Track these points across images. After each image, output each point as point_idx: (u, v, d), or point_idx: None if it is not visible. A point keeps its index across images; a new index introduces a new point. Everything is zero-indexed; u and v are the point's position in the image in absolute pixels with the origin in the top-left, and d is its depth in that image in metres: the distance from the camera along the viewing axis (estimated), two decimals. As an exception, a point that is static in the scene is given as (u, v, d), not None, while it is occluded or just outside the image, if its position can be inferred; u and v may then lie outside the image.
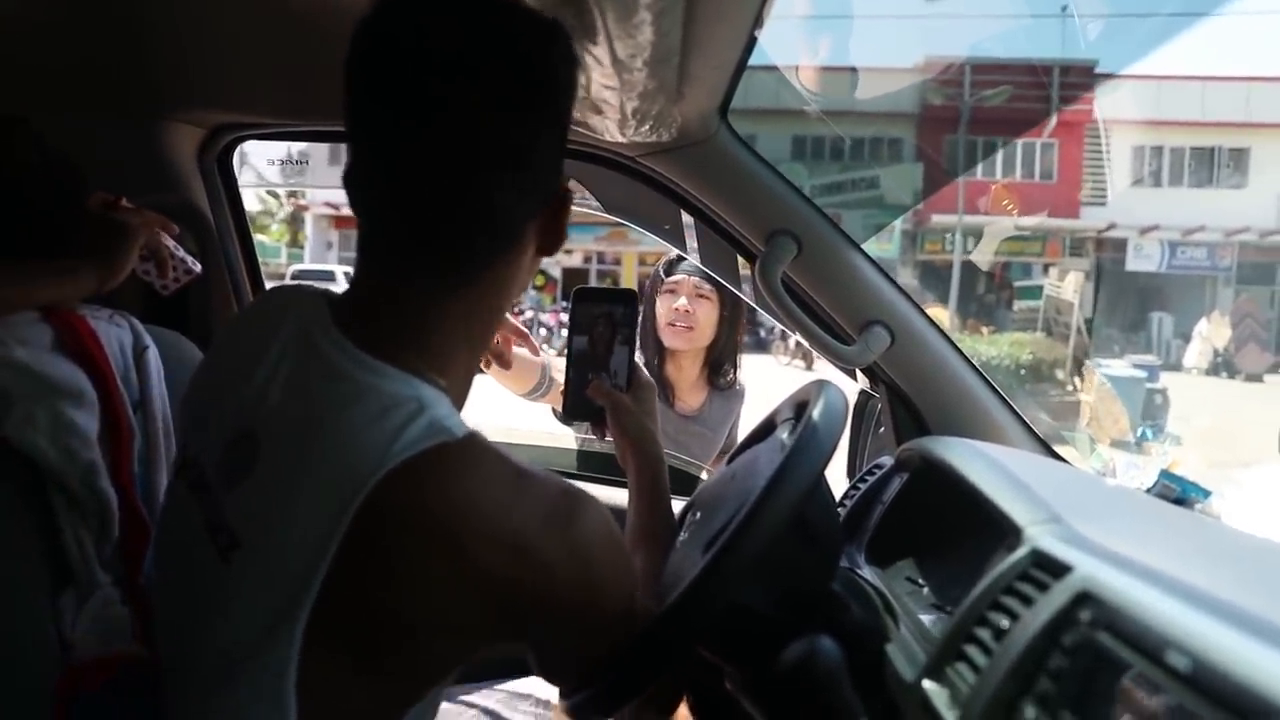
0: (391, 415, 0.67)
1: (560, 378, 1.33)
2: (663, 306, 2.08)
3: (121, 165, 1.38)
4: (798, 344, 16.96)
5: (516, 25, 0.71)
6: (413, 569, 0.66)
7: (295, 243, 25.97)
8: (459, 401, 0.79)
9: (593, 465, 1.99)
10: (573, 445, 2.07)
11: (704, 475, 2.01)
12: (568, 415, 1.10)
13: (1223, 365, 19.08)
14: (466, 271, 0.75)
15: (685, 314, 2.04)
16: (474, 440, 0.70)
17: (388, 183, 0.71)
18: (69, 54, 1.21)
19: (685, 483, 1.94)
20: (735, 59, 1.07)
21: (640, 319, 2.02)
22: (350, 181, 0.74)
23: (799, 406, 1.00)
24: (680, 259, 2.04)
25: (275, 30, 1.12)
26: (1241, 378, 18.62)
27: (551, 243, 0.81)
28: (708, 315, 2.06)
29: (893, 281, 1.33)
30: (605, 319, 1.07)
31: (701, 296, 2.06)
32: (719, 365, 2.16)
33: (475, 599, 0.67)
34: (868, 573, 1.03)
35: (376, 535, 0.65)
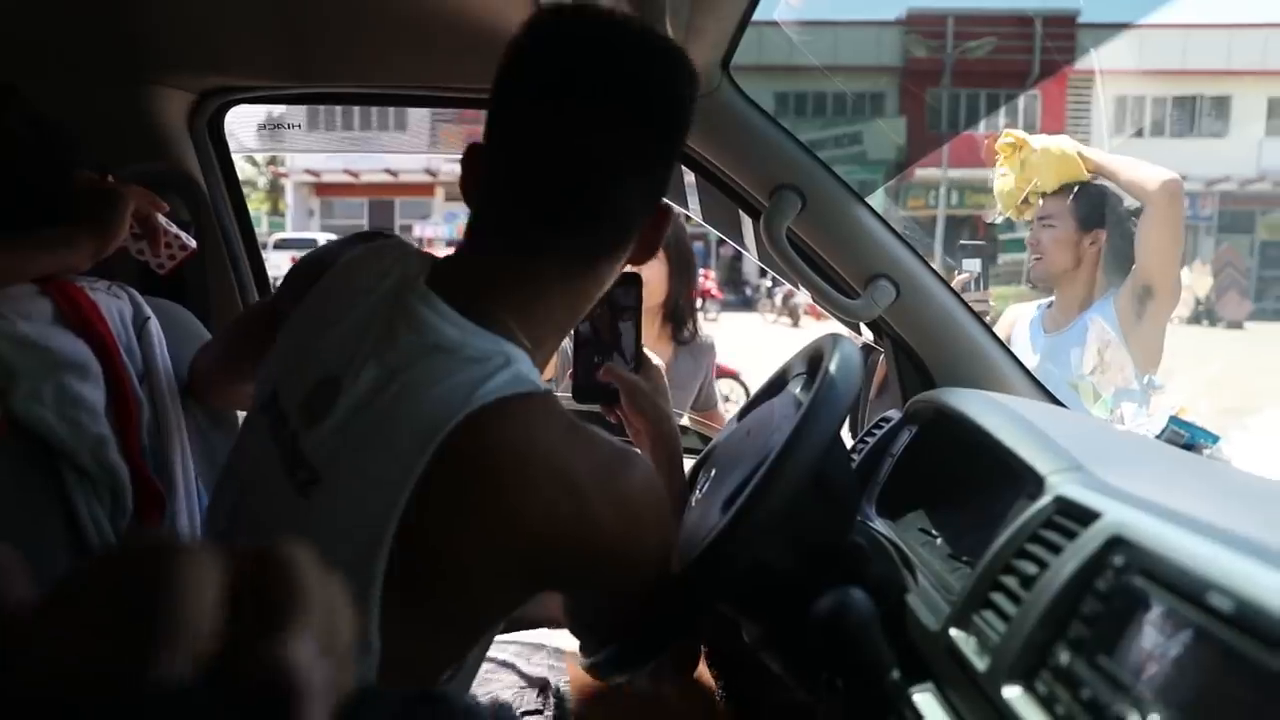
0: (478, 365, 0.72)
1: None
2: None
3: (111, 132, 1.35)
4: (784, 301, 16.97)
5: (652, 54, 0.78)
6: (478, 507, 0.68)
7: (276, 211, 25.65)
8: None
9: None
10: None
11: (686, 421, 2.02)
12: (578, 397, 1.11)
13: (1204, 314, 19.26)
14: (583, 261, 0.81)
15: None
16: (550, 396, 0.75)
17: (523, 174, 0.77)
18: (55, 18, 1.18)
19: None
20: (740, 10, 1.05)
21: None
22: (479, 163, 0.81)
23: (812, 361, 1.00)
24: None
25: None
26: (1223, 325, 18.81)
27: (646, 250, 0.86)
28: (656, 273, 2.04)
29: (898, 235, 1.32)
30: (608, 301, 1.07)
31: None
32: (679, 321, 2.15)
33: (530, 543, 0.70)
34: (880, 525, 1.04)
35: (450, 476, 0.68)
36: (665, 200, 0.86)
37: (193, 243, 1.19)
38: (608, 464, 0.74)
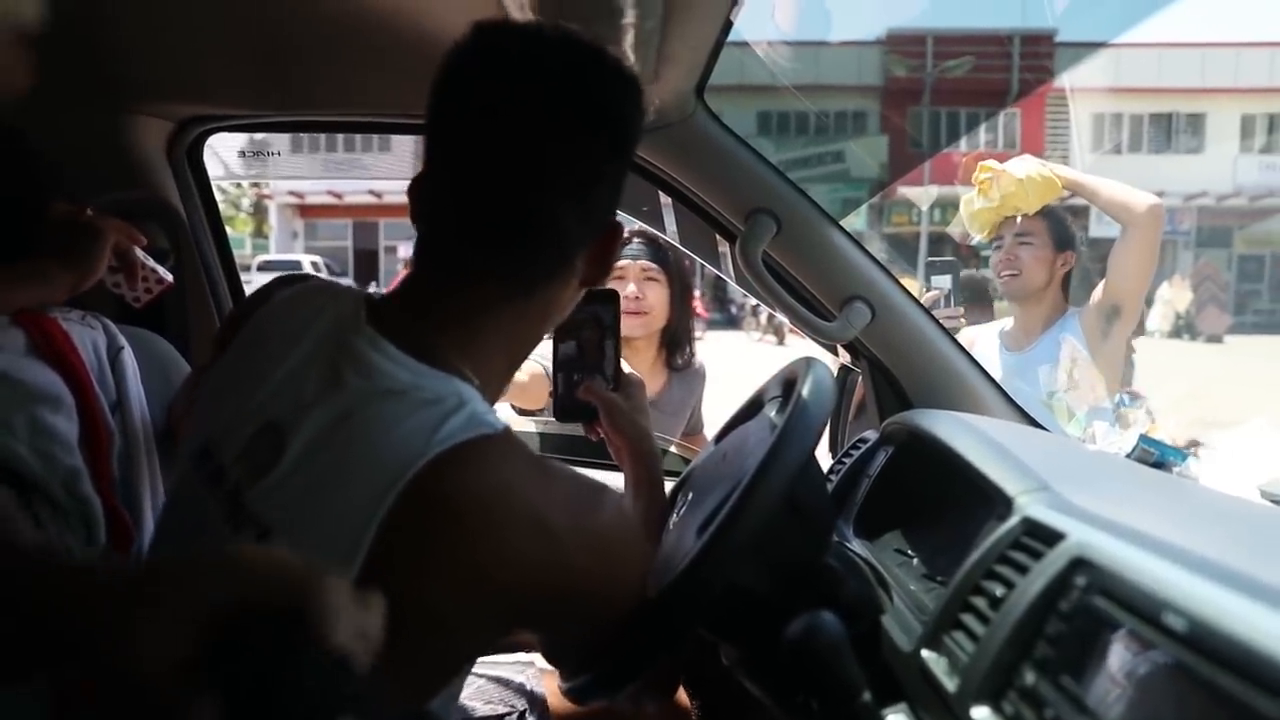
0: (433, 408, 0.69)
1: None
2: None
3: (89, 160, 1.35)
4: (769, 320, 17.02)
5: (594, 71, 0.76)
6: (445, 555, 0.66)
7: (260, 233, 25.57)
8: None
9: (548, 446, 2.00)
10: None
11: (673, 449, 2.01)
12: (560, 417, 1.11)
13: (1184, 328, 19.45)
14: (523, 285, 0.79)
15: (636, 299, 1.99)
16: (509, 434, 0.72)
17: (460, 196, 0.76)
18: (33, 46, 1.18)
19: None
20: (713, 38, 1.07)
21: None
22: (421, 191, 0.79)
23: (787, 384, 1.01)
24: (625, 242, 2.02)
25: (244, 19, 1.10)
26: (1203, 339, 19.00)
27: (597, 273, 0.84)
28: (658, 297, 2.02)
29: (872, 257, 1.34)
30: (590, 321, 1.07)
31: (650, 279, 2.01)
32: (676, 345, 2.12)
33: (501, 586, 0.68)
34: (857, 546, 1.04)
35: (413, 522, 0.66)
36: (619, 219, 0.85)
37: (169, 277, 1.18)
38: (575, 502, 0.73)
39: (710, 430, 2.40)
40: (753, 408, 1.09)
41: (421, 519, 0.66)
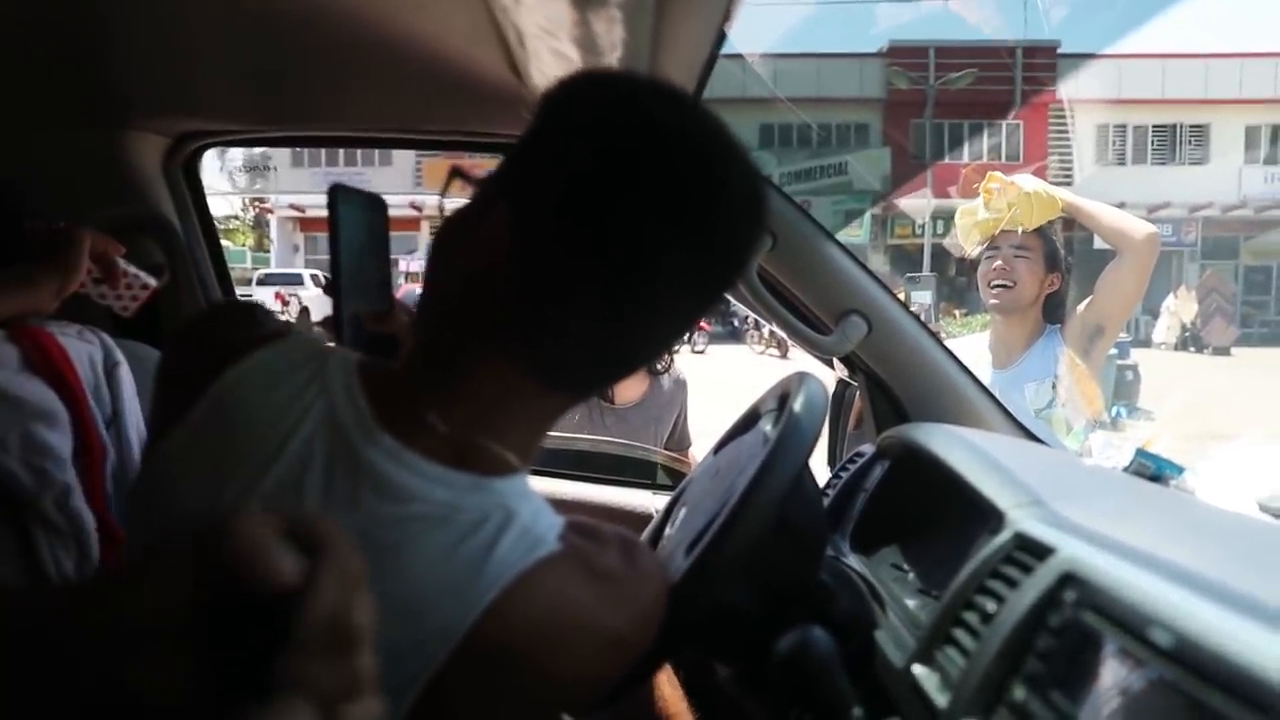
0: (480, 532, 0.63)
1: None
2: None
3: (86, 176, 1.36)
4: (772, 333, 17.00)
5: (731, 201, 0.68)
6: (506, 685, 0.63)
7: (260, 247, 25.65)
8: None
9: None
10: None
11: (656, 459, 2.02)
12: (361, 351, 0.85)
13: (1190, 340, 19.43)
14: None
15: None
16: (566, 542, 0.66)
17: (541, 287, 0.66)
18: (27, 60, 1.19)
19: (644, 470, 1.95)
20: (705, 55, 1.07)
21: None
22: (466, 242, 0.68)
23: (781, 398, 1.01)
24: None
25: (240, 36, 1.11)
26: (1209, 351, 18.96)
27: None
28: None
29: (867, 270, 1.34)
30: (368, 228, 0.88)
31: None
32: None
33: (564, 694, 0.66)
34: (853, 561, 1.04)
35: (469, 672, 0.61)
36: None
37: (153, 281, 1.19)
38: (630, 593, 0.67)
39: (704, 444, 2.40)
40: (748, 422, 1.09)
41: (481, 658, 0.61)
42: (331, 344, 0.73)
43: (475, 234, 0.68)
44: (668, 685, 1.02)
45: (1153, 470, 1.05)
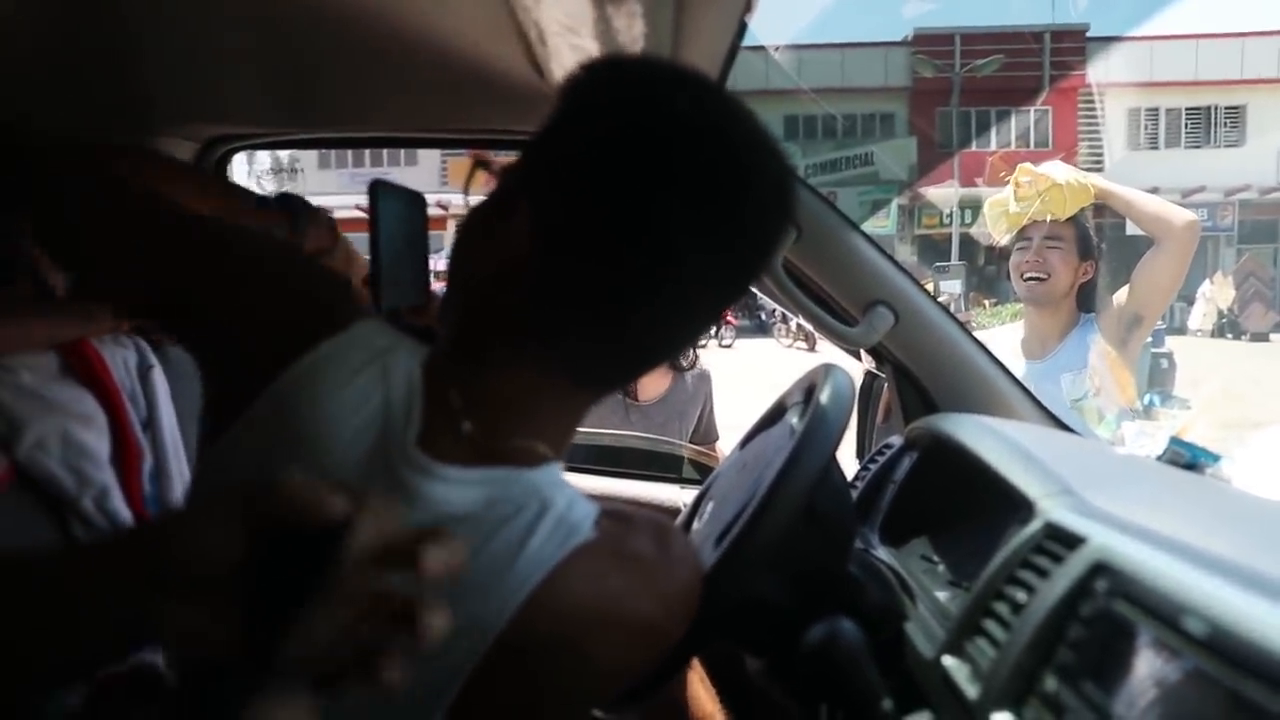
0: (509, 528, 0.63)
1: None
2: None
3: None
4: (799, 326, 16.93)
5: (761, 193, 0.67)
6: (547, 673, 0.63)
7: (292, 248, 25.88)
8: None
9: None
10: None
11: (683, 453, 2.02)
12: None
13: (1228, 326, 19.07)
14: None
15: None
16: (601, 529, 0.66)
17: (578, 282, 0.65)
18: (59, 69, 1.21)
19: (671, 465, 1.95)
20: (726, 47, 1.07)
21: None
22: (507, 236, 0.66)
23: (808, 391, 1.01)
24: None
25: (267, 39, 1.12)
26: (1247, 338, 18.61)
27: None
28: None
29: (893, 261, 1.33)
30: (408, 224, 0.90)
31: None
32: None
33: (603, 683, 0.66)
34: (882, 553, 1.03)
35: (510, 663, 0.61)
36: None
37: None
38: (663, 578, 0.68)
39: (732, 438, 2.40)
40: (775, 415, 1.09)
41: (521, 658, 0.62)
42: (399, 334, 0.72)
43: (496, 231, 0.67)
44: (700, 684, 1.02)
45: (1187, 459, 1.04)
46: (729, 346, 16.61)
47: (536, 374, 0.67)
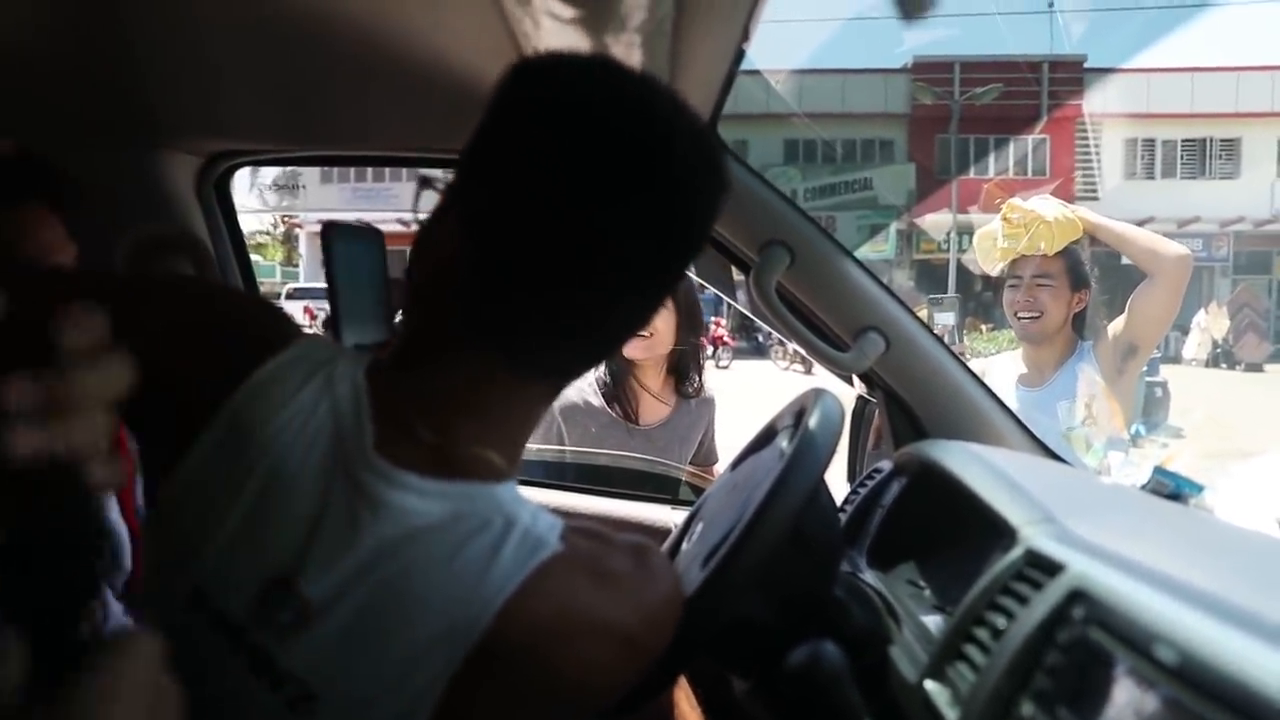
0: (480, 539, 0.64)
1: None
2: None
3: (120, 195, 1.40)
4: (796, 349, 16.89)
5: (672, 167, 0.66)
6: (519, 688, 0.64)
7: (290, 261, 25.96)
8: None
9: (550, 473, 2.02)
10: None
11: (679, 475, 2.02)
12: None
13: (1222, 356, 19.13)
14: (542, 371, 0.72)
15: None
16: (568, 542, 0.67)
17: (498, 272, 0.66)
18: (65, 84, 1.23)
19: (667, 486, 1.96)
20: (723, 74, 1.09)
21: None
22: (443, 244, 0.69)
23: (797, 415, 1.02)
24: None
25: (271, 57, 1.14)
26: (1242, 368, 18.67)
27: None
28: (665, 323, 2.02)
29: (886, 288, 1.34)
30: (364, 260, 0.91)
31: None
32: (683, 373, 2.13)
33: (578, 694, 0.66)
34: (869, 576, 1.04)
35: (486, 674, 0.62)
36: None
37: None
38: (639, 590, 0.69)
39: (728, 459, 2.40)
40: (766, 437, 1.09)
41: (492, 672, 0.62)
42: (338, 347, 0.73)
43: (432, 237, 0.70)
44: (686, 703, 1.02)
45: (1171, 488, 1.05)
46: (726, 368, 16.63)
47: (482, 371, 0.68)
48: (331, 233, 0.85)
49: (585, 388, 2.10)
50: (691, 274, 1.62)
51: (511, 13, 0.91)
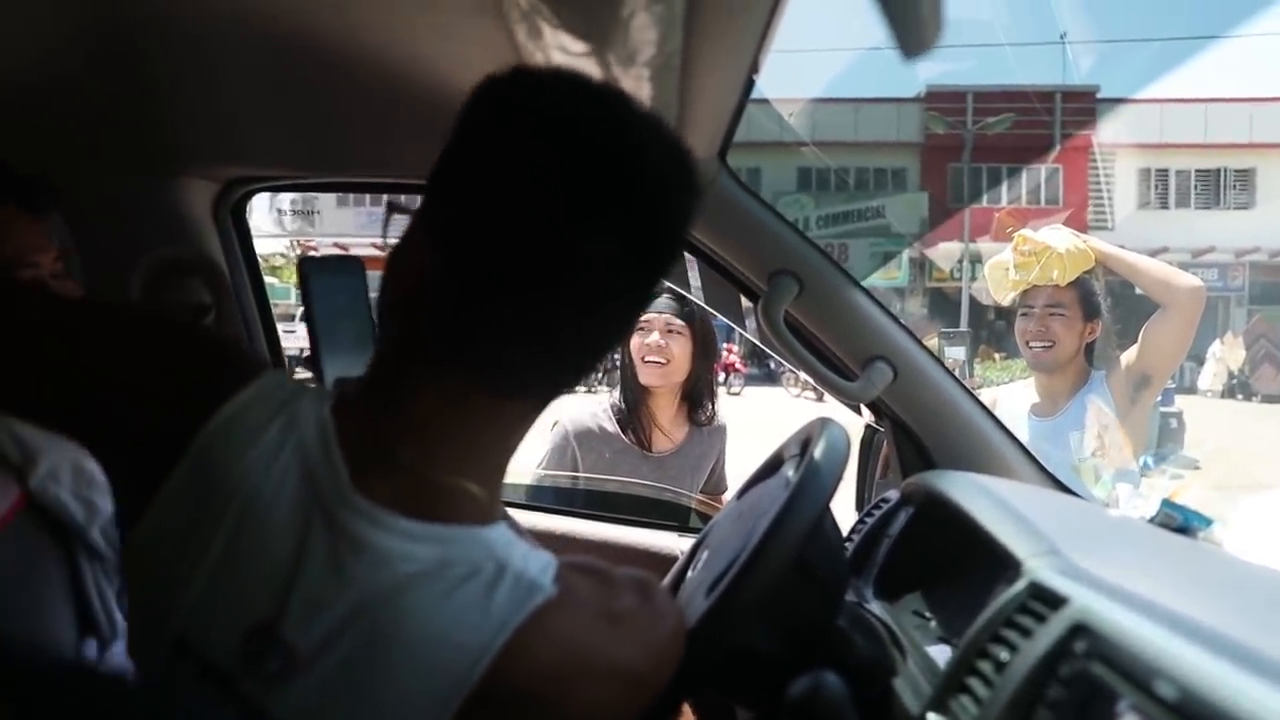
0: (470, 585, 0.62)
1: None
2: (636, 343, 2.07)
3: (139, 221, 1.42)
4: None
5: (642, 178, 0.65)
6: None
7: (306, 284, 26.02)
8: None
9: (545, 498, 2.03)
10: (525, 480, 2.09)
11: (688, 502, 2.03)
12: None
13: (1238, 387, 18.95)
14: (518, 388, 0.70)
15: (658, 349, 2.04)
16: (562, 582, 0.66)
17: (470, 286, 0.64)
18: (86, 112, 1.25)
19: (677, 514, 1.96)
20: (733, 105, 1.10)
21: (619, 359, 2.05)
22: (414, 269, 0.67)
23: (804, 444, 1.02)
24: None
25: (286, 86, 1.16)
26: (1258, 399, 18.47)
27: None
28: (681, 350, 2.05)
29: (894, 317, 1.35)
30: (344, 293, 0.90)
31: (673, 332, 2.05)
32: (697, 401, 2.15)
33: None
34: (875, 607, 1.04)
35: (490, 715, 0.62)
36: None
37: None
38: (645, 629, 0.69)
39: (737, 486, 2.39)
40: (772, 466, 1.10)
41: (497, 712, 0.62)
42: (301, 380, 0.73)
43: (404, 255, 0.68)
44: None
45: (1179, 521, 1.04)
46: (737, 394, 16.59)
47: (456, 390, 0.66)
48: (307, 267, 0.85)
49: (600, 413, 2.12)
50: (700, 301, 1.62)
51: (522, 45, 0.92)
